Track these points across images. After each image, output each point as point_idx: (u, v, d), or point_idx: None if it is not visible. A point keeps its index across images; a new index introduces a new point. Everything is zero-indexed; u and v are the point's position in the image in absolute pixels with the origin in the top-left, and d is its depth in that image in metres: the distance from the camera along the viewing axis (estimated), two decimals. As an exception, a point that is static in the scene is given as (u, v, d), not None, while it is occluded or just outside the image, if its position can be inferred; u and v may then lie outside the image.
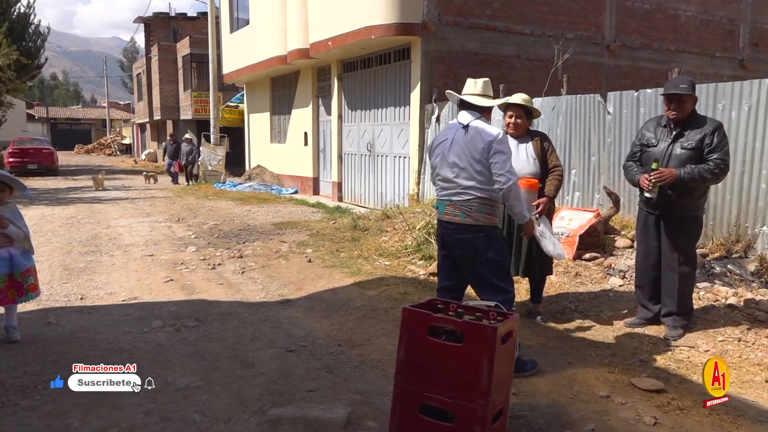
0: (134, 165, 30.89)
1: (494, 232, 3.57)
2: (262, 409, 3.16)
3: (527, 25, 10.99)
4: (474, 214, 3.50)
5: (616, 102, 7.00)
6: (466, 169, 3.52)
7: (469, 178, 3.51)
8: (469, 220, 3.51)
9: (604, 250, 6.12)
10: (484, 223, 3.51)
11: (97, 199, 14.01)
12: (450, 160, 3.60)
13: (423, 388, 2.64)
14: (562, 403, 3.26)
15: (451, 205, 3.59)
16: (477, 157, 3.47)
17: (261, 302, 5.33)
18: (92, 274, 6.36)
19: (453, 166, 3.57)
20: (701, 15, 12.96)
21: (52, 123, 52.47)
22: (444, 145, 3.66)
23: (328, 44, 11.64)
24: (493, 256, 3.52)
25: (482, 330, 2.52)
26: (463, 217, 3.52)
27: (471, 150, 3.49)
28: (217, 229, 9.33)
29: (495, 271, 3.54)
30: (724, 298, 4.81)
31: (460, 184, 3.55)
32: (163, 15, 32.35)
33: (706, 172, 3.95)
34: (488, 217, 3.53)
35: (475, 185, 3.50)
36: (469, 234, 3.52)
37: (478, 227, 3.50)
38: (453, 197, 3.58)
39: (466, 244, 3.54)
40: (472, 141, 3.50)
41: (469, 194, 3.51)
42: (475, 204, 3.50)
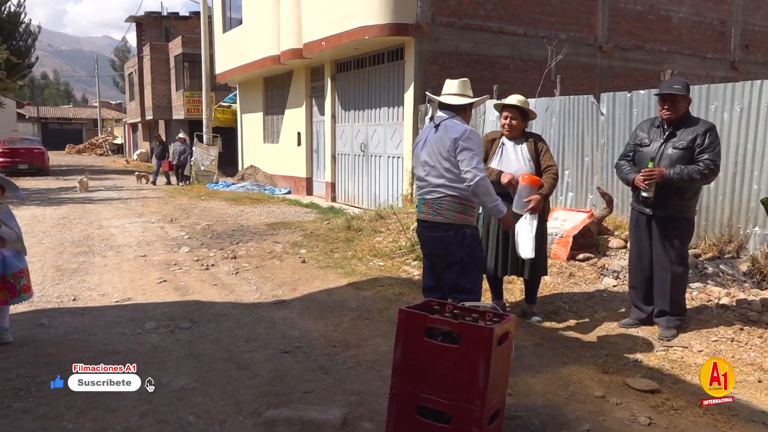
0: (126, 165, 30.73)
1: (465, 231, 3.59)
2: (258, 411, 3.15)
3: (520, 26, 11.02)
4: (444, 212, 3.55)
5: (609, 103, 7.03)
6: (435, 168, 3.58)
7: (439, 176, 3.57)
8: (440, 218, 3.56)
9: (598, 250, 6.15)
10: (454, 221, 3.55)
11: (89, 200, 13.93)
12: (422, 159, 3.68)
13: (420, 389, 2.64)
14: (557, 403, 3.27)
15: (425, 203, 3.66)
16: (445, 155, 3.53)
17: (255, 303, 5.32)
18: (85, 275, 6.32)
19: (424, 165, 3.66)
20: (693, 17, 13.04)
21: (42, 123, 52.07)
22: (419, 145, 3.76)
23: (321, 44, 11.62)
24: (462, 256, 3.55)
25: (479, 331, 2.52)
26: (434, 215, 3.58)
27: (439, 148, 3.55)
28: (210, 229, 9.30)
29: (463, 270, 3.57)
30: (716, 299, 4.83)
31: (430, 182, 3.62)
32: (155, 14, 32.18)
33: (696, 172, 3.98)
34: (459, 215, 3.56)
35: (444, 183, 3.55)
36: (440, 232, 3.58)
37: (449, 225, 3.55)
38: (426, 195, 3.66)
39: (438, 242, 3.62)
40: (441, 139, 3.56)
41: (439, 192, 3.57)
42: (445, 202, 3.55)
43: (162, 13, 32.45)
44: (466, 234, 3.58)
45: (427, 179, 3.63)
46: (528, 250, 4.25)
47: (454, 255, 3.56)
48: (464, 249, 3.55)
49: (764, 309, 4.54)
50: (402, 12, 9.97)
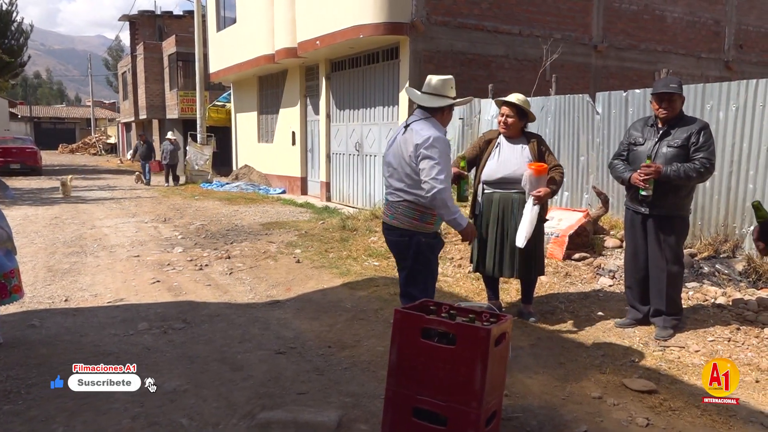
0: (120, 165, 30.60)
1: (419, 239, 3.44)
2: (252, 413, 3.11)
3: (515, 25, 11.00)
4: (399, 216, 3.45)
5: (604, 102, 7.02)
6: (397, 170, 3.47)
7: (399, 179, 3.46)
8: (395, 222, 3.47)
9: (594, 250, 6.13)
10: (408, 228, 3.43)
11: (81, 199, 13.83)
12: (387, 159, 3.57)
13: (415, 391, 2.61)
14: (554, 404, 3.24)
15: (387, 205, 3.60)
16: (406, 160, 3.39)
17: (249, 303, 5.27)
18: (77, 275, 6.26)
19: (389, 166, 3.54)
20: (687, 16, 13.06)
21: (35, 122, 51.77)
22: (388, 144, 3.65)
23: (316, 43, 11.57)
24: (412, 264, 3.46)
25: (476, 332, 2.49)
26: (391, 219, 3.51)
27: (403, 151, 3.42)
28: (204, 229, 9.24)
29: (412, 277, 3.48)
30: (713, 298, 4.82)
31: (392, 184, 3.52)
32: (148, 13, 32.03)
33: (692, 170, 3.97)
34: (414, 222, 3.43)
35: (403, 188, 3.44)
36: (394, 236, 3.51)
37: (402, 230, 3.45)
38: (388, 197, 3.58)
39: (393, 245, 3.58)
40: (406, 142, 3.41)
41: (398, 196, 3.47)
42: (402, 207, 3.44)
43: (156, 12, 32.29)
44: (420, 242, 3.44)
45: (390, 181, 3.53)
46: (521, 238, 4.24)
47: (406, 261, 3.48)
48: (415, 256, 3.45)
49: (760, 308, 4.53)
50: (397, 11, 9.93)
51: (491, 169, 4.49)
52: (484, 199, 4.55)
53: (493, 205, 4.48)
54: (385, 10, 9.90)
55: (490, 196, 4.51)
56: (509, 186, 4.43)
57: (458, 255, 6.37)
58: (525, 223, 4.27)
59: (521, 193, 4.41)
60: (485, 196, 4.54)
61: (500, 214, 4.44)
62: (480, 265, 4.61)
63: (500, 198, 4.45)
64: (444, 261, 6.30)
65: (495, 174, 4.46)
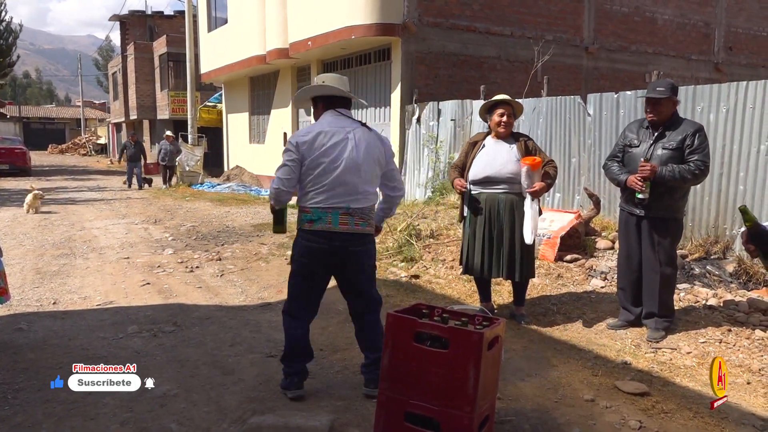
0: (110, 165, 30.40)
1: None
2: (243, 418, 3.07)
3: (507, 27, 11.03)
4: (371, 222, 3.31)
5: (596, 104, 7.03)
6: (367, 173, 3.26)
7: (368, 182, 3.28)
8: (369, 229, 3.30)
9: (585, 251, 6.14)
10: (371, 232, 3.37)
11: (71, 201, 13.72)
12: (349, 164, 3.18)
13: (408, 395, 2.59)
14: (547, 407, 3.23)
15: (348, 213, 3.16)
16: (381, 161, 3.34)
17: (240, 306, 5.23)
18: (66, 277, 6.20)
19: (355, 169, 3.21)
20: (678, 18, 13.14)
21: (24, 122, 51.32)
22: (340, 143, 3.18)
23: (307, 44, 11.55)
24: (374, 262, 3.41)
25: (469, 336, 2.47)
26: (364, 226, 3.24)
27: (376, 152, 3.28)
28: (195, 231, 9.18)
29: (373, 277, 3.42)
30: (704, 300, 4.83)
31: (359, 189, 3.22)
32: (139, 13, 31.90)
33: (687, 172, 3.97)
34: (372, 223, 3.39)
35: (373, 191, 3.32)
36: (367, 244, 3.31)
37: (372, 235, 3.37)
38: (352, 204, 3.18)
39: (358, 258, 3.27)
40: (375, 143, 3.30)
41: (369, 200, 3.25)
42: (372, 212, 3.32)
43: (146, 12, 32.19)
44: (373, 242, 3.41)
45: (353, 186, 3.17)
46: (528, 235, 4.28)
47: (372, 265, 3.38)
48: (372, 258, 3.38)
49: (751, 310, 4.55)
50: (389, 12, 9.92)
51: (477, 168, 4.48)
52: (472, 200, 4.54)
53: (480, 206, 4.47)
54: (376, 11, 9.89)
55: (477, 197, 4.50)
56: (495, 185, 4.42)
57: (450, 256, 6.36)
58: (528, 219, 4.31)
59: (507, 193, 4.40)
60: (472, 197, 4.54)
61: (487, 215, 4.43)
62: (469, 266, 4.60)
63: (487, 198, 4.45)
64: (436, 263, 6.29)
65: (481, 173, 4.45)
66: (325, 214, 3.14)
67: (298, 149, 3.16)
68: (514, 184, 4.38)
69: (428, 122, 9.87)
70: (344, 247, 3.18)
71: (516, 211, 4.39)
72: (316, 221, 3.15)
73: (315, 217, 3.15)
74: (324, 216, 3.14)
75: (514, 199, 4.39)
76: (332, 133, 3.18)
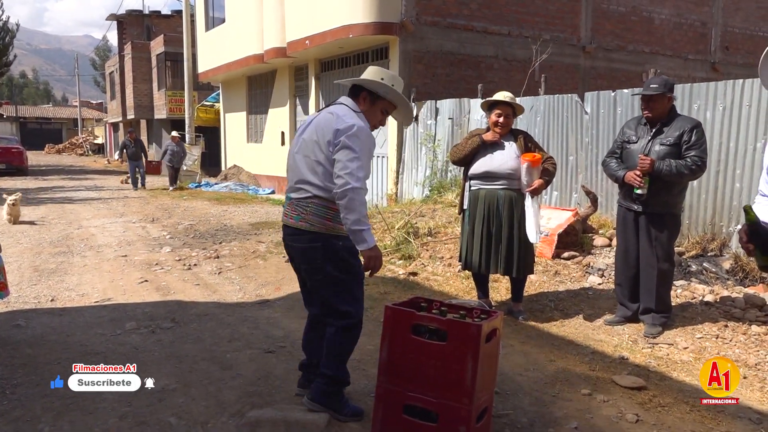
0: (107, 165, 30.34)
1: (336, 243, 2.87)
2: (241, 412, 3.08)
3: (505, 26, 11.04)
4: (309, 217, 2.85)
5: (593, 102, 7.05)
6: (307, 159, 2.90)
7: (310, 170, 2.89)
8: (303, 224, 2.87)
9: (583, 248, 6.15)
10: (320, 231, 2.85)
11: (68, 199, 13.70)
12: (293, 150, 3.02)
13: (406, 388, 2.60)
14: (544, 401, 3.25)
15: (290, 204, 2.97)
16: (322, 146, 2.83)
17: (238, 303, 5.24)
18: (63, 275, 6.19)
19: (296, 154, 2.99)
20: (674, 18, 13.17)
21: (21, 122, 51.23)
22: (299, 131, 3.09)
23: (305, 43, 11.55)
24: (331, 270, 2.87)
25: (467, 328, 2.48)
26: (297, 220, 2.90)
27: (318, 137, 2.86)
28: (192, 229, 9.18)
29: (337, 288, 2.90)
30: (701, 296, 4.85)
31: (299, 177, 2.93)
32: (136, 13, 31.83)
33: (684, 168, 3.99)
34: (327, 223, 2.85)
35: (313, 180, 2.86)
36: (302, 242, 2.91)
37: (314, 234, 2.85)
38: (291, 193, 2.98)
39: (301, 254, 2.96)
40: (321, 126, 2.87)
41: (306, 191, 2.88)
42: (312, 204, 2.85)
43: (144, 12, 32.11)
44: (337, 247, 2.85)
45: (296, 173, 2.93)
46: (532, 233, 4.30)
47: (322, 270, 2.87)
48: (335, 264, 2.86)
49: (747, 306, 4.56)
50: (386, 11, 9.93)
51: (477, 162, 4.50)
52: (471, 196, 4.56)
53: (479, 202, 4.49)
54: (374, 10, 9.89)
55: (477, 193, 4.52)
56: (494, 181, 4.44)
57: (448, 254, 6.37)
58: (530, 218, 4.34)
59: (506, 189, 4.42)
60: (472, 192, 4.56)
61: (486, 211, 4.45)
62: (468, 262, 4.61)
63: (486, 194, 4.46)
64: (434, 260, 6.30)
65: (480, 168, 4.47)
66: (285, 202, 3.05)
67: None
68: (513, 180, 4.40)
69: (426, 121, 9.89)
70: (287, 242, 3.02)
71: (515, 208, 4.41)
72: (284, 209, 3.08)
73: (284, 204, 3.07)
74: (285, 204, 3.06)
75: (513, 195, 4.41)
76: (303, 123, 3.08)
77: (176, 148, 16.33)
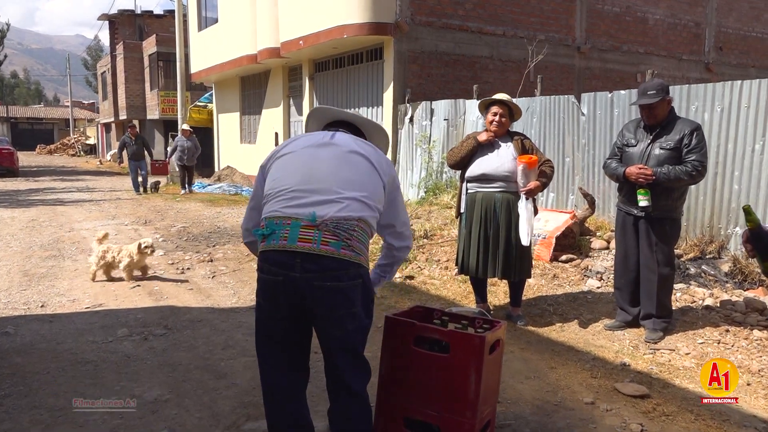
0: (99, 166, 30.11)
1: (367, 279, 2.31)
2: (236, 423, 3.00)
3: (500, 26, 10.99)
4: (355, 243, 2.23)
5: (590, 103, 7.00)
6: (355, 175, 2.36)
7: (359, 187, 2.33)
8: (347, 254, 2.20)
9: (581, 251, 6.10)
10: (360, 262, 2.26)
11: (59, 201, 13.55)
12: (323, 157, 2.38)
13: (407, 401, 2.52)
14: (547, 410, 3.18)
15: (311, 227, 2.20)
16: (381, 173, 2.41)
17: (233, 308, 5.15)
18: (54, 279, 6.08)
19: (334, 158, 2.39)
20: (669, 18, 13.17)
21: (12, 122, 50.82)
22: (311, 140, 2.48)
23: (299, 43, 11.46)
24: (363, 321, 2.31)
25: (470, 339, 2.41)
26: (339, 248, 2.19)
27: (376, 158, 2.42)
28: (185, 232, 9.07)
29: (362, 342, 2.35)
30: (701, 300, 4.81)
31: (337, 192, 2.28)
32: (128, 12, 31.62)
33: (683, 173, 3.94)
34: (365, 252, 2.32)
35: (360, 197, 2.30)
36: (345, 279, 2.20)
37: (357, 267, 2.23)
38: (316, 211, 2.24)
39: (333, 295, 2.20)
40: (377, 152, 2.49)
41: (350, 209, 2.26)
42: (359, 229, 2.25)
43: (136, 11, 31.89)
44: (370, 284, 2.33)
45: (326, 184, 2.26)
46: (524, 236, 4.23)
47: (357, 317, 2.25)
48: (366, 305, 2.29)
49: (748, 310, 4.52)
50: (381, 11, 9.86)
51: (474, 164, 4.44)
52: (468, 199, 4.49)
53: (476, 205, 4.42)
54: (369, 10, 9.82)
55: (474, 196, 4.45)
56: (491, 183, 4.37)
57: (445, 257, 6.30)
58: (523, 221, 4.26)
59: (504, 191, 4.36)
60: (469, 195, 4.49)
61: (483, 214, 4.39)
62: (465, 266, 4.55)
63: (483, 197, 4.40)
64: (431, 263, 6.23)
65: (477, 170, 4.41)
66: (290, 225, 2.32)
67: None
68: (510, 183, 4.33)
69: (421, 122, 9.82)
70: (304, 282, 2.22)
71: (512, 211, 4.34)
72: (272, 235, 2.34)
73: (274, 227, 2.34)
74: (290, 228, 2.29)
75: (510, 198, 4.35)
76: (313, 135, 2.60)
77: (187, 143, 14.44)
